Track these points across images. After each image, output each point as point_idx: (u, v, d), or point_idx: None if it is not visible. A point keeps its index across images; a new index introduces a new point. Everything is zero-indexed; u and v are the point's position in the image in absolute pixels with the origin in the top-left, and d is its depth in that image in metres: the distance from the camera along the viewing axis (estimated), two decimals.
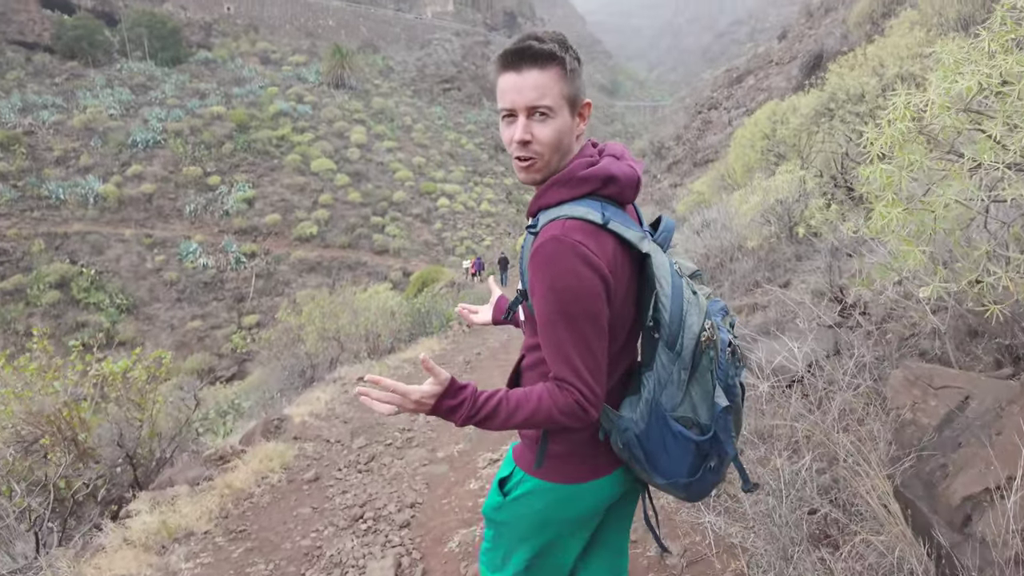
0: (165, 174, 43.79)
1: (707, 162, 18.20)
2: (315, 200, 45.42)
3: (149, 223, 41.47)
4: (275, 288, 40.59)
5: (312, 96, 56.08)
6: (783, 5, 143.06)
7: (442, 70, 68.86)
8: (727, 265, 4.44)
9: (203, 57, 58.08)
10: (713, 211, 5.58)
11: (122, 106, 47.84)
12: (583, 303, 1.14)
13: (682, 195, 16.75)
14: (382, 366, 6.63)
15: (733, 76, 26.42)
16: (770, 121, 5.97)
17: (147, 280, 38.13)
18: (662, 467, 1.27)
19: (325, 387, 5.87)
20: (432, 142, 58.32)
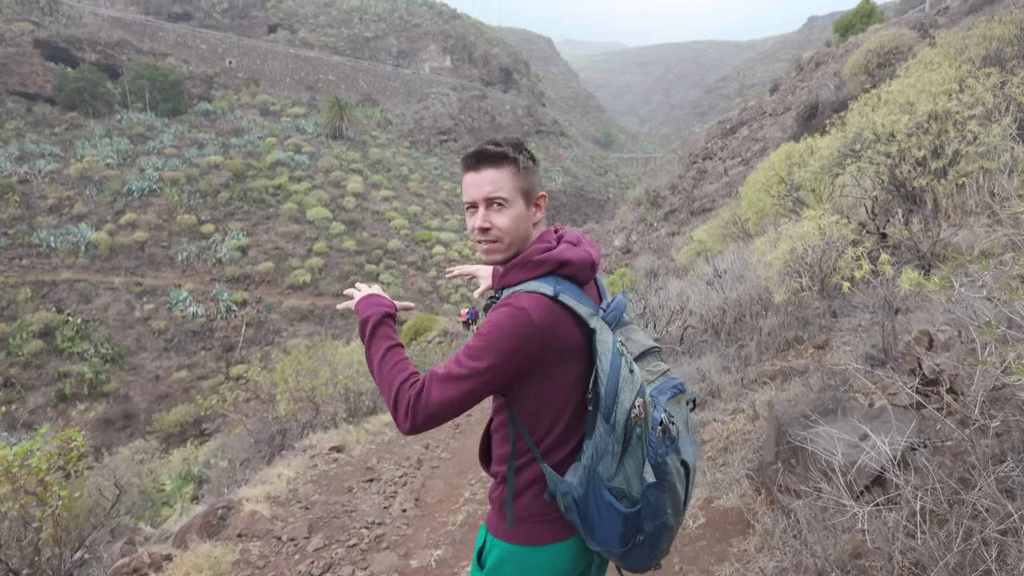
0: (159, 222, 43.66)
1: (704, 211, 17.97)
2: (309, 248, 45.24)
3: (140, 271, 41.04)
4: (265, 337, 39.92)
5: (310, 147, 56.71)
6: (770, 62, 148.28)
7: (439, 122, 70.14)
8: (748, 321, 3.95)
9: (203, 108, 58.95)
10: (726, 259, 5.12)
11: (120, 155, 48.13)
12: (498, 344, 1.27)
13: (680, 243, 16.41)
14: (360, 431, 5.98)
15: (727, 127, 26.70)
16: (786, 163, 5.58)
17: (134, 329, 37.38)
18: (596, 534, 1.34)
19: (292, 459, 5.23)
20: (428, 191, 58.75)
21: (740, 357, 3.64)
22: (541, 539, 1.38)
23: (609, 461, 1.30)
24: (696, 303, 4.37)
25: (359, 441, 5.92)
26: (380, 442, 5.99)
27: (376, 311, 1.47)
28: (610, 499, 1.29)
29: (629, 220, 23.54)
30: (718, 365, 3.59)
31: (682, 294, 4.78)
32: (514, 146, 1.42)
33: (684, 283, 6.33)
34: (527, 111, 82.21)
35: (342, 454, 5.54)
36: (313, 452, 5.53)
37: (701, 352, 4.01)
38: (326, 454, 5.49)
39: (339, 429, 6.05)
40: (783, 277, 3.56)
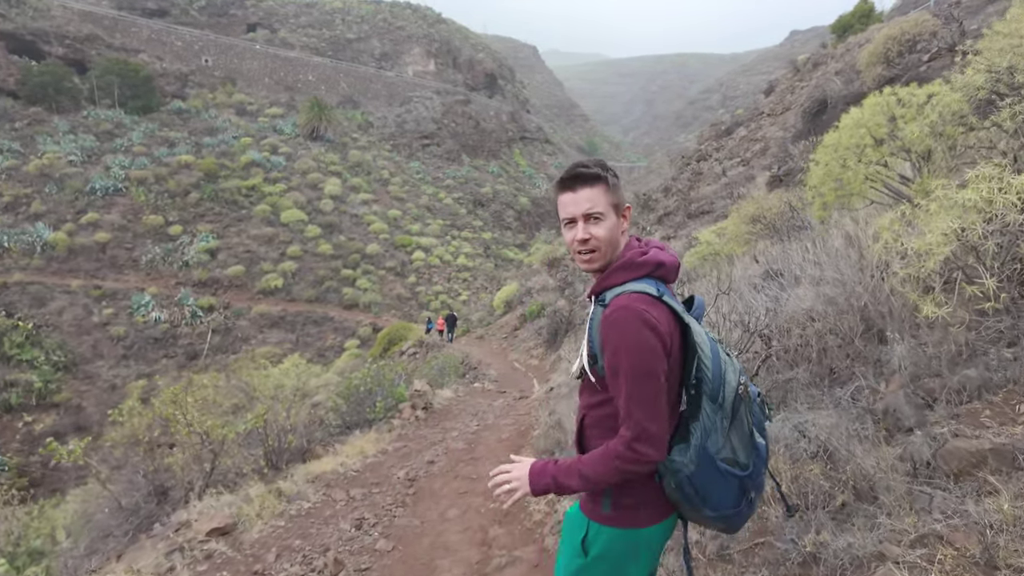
0: (123, 223, 41.57)
1: (703, 213, 16.75)
2: (283, 252, 43.44)
3: (100, 273, 38.90)
4: (233, 345, 38.11)
5: (287, 148, 54.87)
6: (752, 75, 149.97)
7: (422, 126, 68.68)
8: (855, 345, 2.58)
9: (176, 107, 56.84)
10: (789, 252, 3.77)
11: (84, 153, 45.93)
12: (646, 361, 1.42)
13: (678, 248, 15.11)
14: (269, 495, 4.35)
15: (721, 129, 25.70)
16: (885, 118, 4.18)
17: (91, 335, 35.25)
18: (713, 501, 1.50)
19: (149, 551, 3.66)
20: (409, 196, 57.22)
21: (875, 413, 2.30)
22: (647, 521, 1.54)
23: (717, 436, 1.47)
24: (755, 319, 3.01)
25: (261, 514, 4.24)
26: (293, 514, 4.31)
27: (544, 478, 1.56)
28: (725, 467, 1.47)
29: None
30: (842, 427, 2.23)
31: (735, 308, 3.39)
32: (602, 166, 1.63)
33: (704, 291, 4.98)
34: (511, 117, 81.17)
35: (225, 543, 3.81)
36: (185, 536, 3.87)
37: (791, 395, 2.64)
38: (201, 541, 3.83)
39: (238, 493, 4.43)
40: (917, 278, 2.24)
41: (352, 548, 3.89)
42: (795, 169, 14.44)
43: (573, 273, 18.39)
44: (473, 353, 16.19)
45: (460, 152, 68.74)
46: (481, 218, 60.16)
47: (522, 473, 1.59)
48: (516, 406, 8.95)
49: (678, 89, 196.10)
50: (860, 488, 2.07)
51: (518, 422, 7.22)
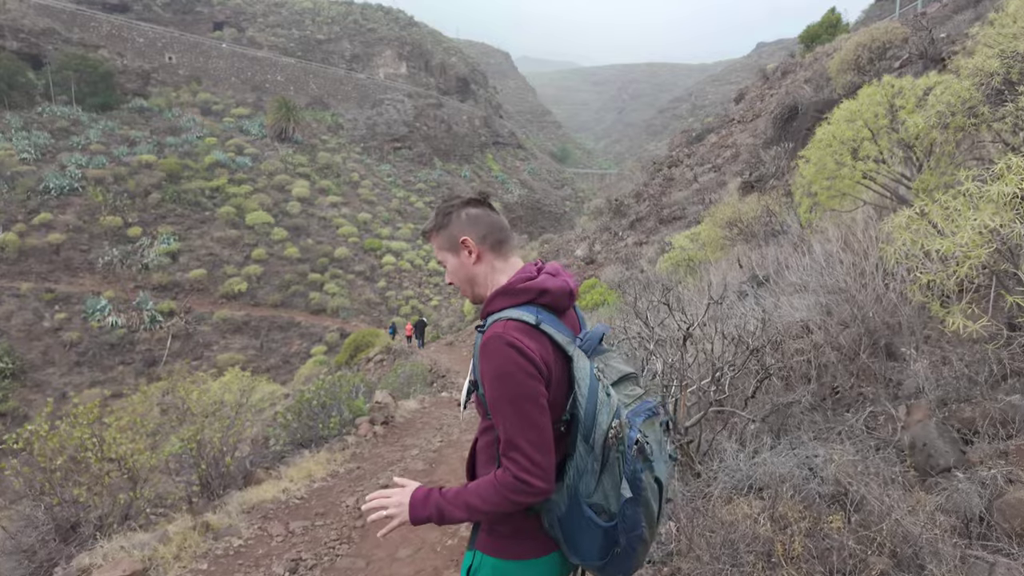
0: (79, 223, 39.90)
1: (675, 219, 16.62)
2: (247, 255, 42.27)
3: (53, 276, 37.24)
4: (193, 351, 36.89)
5: (253, 148, 53.54)
6: (721, 84, 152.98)
7: (393, 129, 67.88)
8: (861, 360, 2.25)
9: (138, 105, 54.98)
10: (772, 256, 3.47)
11: (37, 150, 44.02)
12: (521, 384, 1.37)
13: (650, 253, 14.91)
14: (194, 532, 3.76)
15: (692, 135, 25.76)
16: (885, 109, 3.87)
17: (41, 341, 33.69)
18: (579, 548, 1.45)
19: None
20: (380, 199, 56.40)
21: (900, 447, 1.94)
22: (529, 553, 1.49)
23: (589, 479, 1.41)
24: (746, 331, 2.66)
25: (180, 556, 3.59)
26: (219, 555, 3.69)
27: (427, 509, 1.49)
28: (590, 514, 1.41)
29: (591, 229, 22.10)
30: (864, 466, 1.86)
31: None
32: (437, 213, 1.64)
33: (691, 299, 4.65)
34: (484, 121, 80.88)
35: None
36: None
37: (792, 420, 2.29)
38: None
39: (155, 530, 3.80)
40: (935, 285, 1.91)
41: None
42: (767, 175, 14.34)
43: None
44: (442, 360, 15.70)
45: (432, 156, 68.13)
46: None
47: (403, 499, 1.50)
48: None
49: (649, 98, 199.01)
50: (901, 553, 1.70)
51: None
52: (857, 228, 3.26)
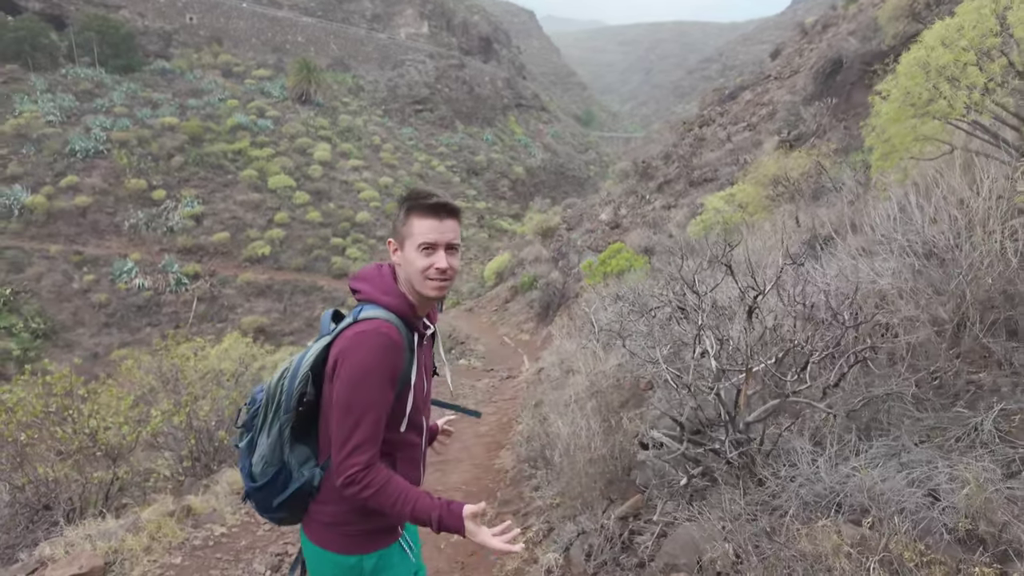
0: (104, 186, 40.16)
1: (706, 180, 15.79)
2: (270, 219, 42.28)
3: (81, 239, 37.73)
4: (219, 313, 37.31)
5: (275, 111, 53.12)
6: (753, 44, 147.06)
7: (414, 91, 66.66)
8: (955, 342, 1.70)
9: (159, 67, 54.73)
10: (834, 212, 2.80)
11: (63, 112, 44.16)
12: None
13: (679, 217, 14.18)
14: (172, 516, 3.38)
15: (724, 93, 24.53)
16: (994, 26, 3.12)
17: (71, 302, 34.31)
18: None
19: None
20: (401, 163, 55.78)
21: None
22: None
23: None
24: (827, 300, 2.11)
25: (151, 548, 3.21)
26: (197, 545, 3.34)
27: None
28: None
29: (616, 193, 21.30)
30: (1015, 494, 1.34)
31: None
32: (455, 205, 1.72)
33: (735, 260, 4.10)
34: (507, 83, 79.02)
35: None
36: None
37: (884, 415, 1.76)
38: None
39: (128, 516, 3.44)
40: None
41: None
42: (806, 133, 13.41)
43: (568, 244, 17.51)
44: (461, 327, 15.36)
45: (454, 118, 66.93)
46: (475, 187, 58.88)
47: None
48: (502, 388, 8.16)
49: (677, 59, 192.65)
50: None
51: (501, 410, 6.41)
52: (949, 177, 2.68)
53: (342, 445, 1.44)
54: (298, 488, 1.53)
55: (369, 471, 1.45)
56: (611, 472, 2.72)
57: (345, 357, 1.47)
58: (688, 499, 2.25)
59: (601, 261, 10.76)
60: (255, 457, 1.57)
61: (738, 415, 2.06)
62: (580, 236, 19.17)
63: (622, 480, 2.73)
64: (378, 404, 1.47)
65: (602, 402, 3.43)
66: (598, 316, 5.10)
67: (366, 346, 1.47)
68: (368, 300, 1.64)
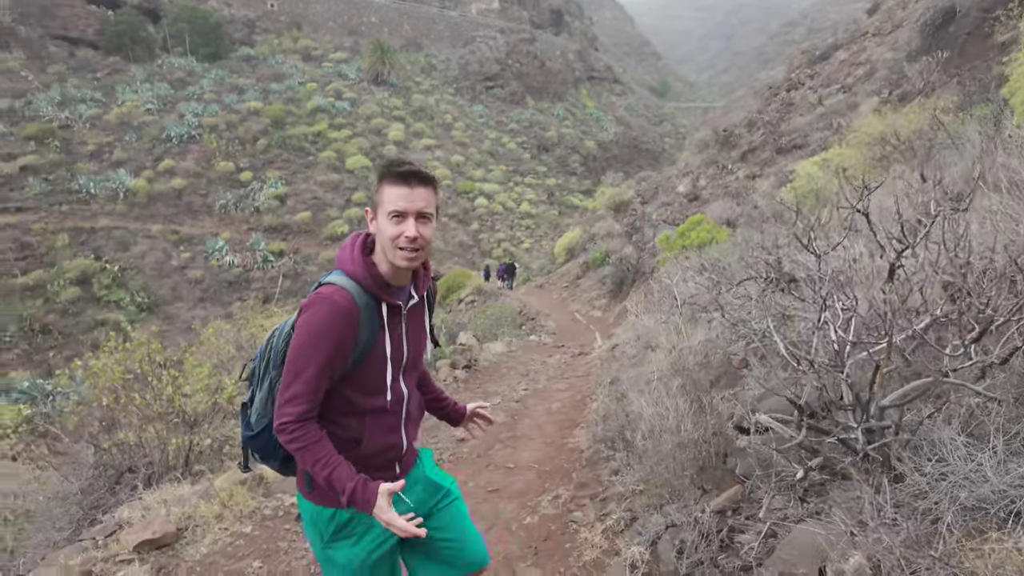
0: (197, 169, 42.74)
1: (795, 147, 14.67)
2: (348, 198, 43.70)
3: (177, 219, 40.39)
4: (302, 289, 39.01)
5: (351, 93, 54.59)
6: (843, 3, 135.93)
7: (485, 67, 66.35)
8: None
9: (244, 53, 57.35)
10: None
11: (160, 100, 47.22)
12: None
13: (765, 187, 13.26)
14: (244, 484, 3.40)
15: (815, 54, 22.68)
16: None
17: (171, 278, 36.90)
18: None
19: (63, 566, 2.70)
20: (472, 140, 55.93)
21: None
22: None
23: None
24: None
25: (222, 516, 3.23)
26: (267, 515, 3.33)
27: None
28: None
29: (695, 164, 20.27)
30: None
31: None
32: (429, 175, 1.70)
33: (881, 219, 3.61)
34: (579, 56, 77.14)
35: (151, 568, 2.80)
36: (107, 551, 2.90)
37: None
38: (123, 561, 2.84)
39: (202, 482, 3.49)
40: None
41: None
42: (911, 91, 12.12)
43: (642, 218, 16.86)
44: (531, 303, 15.17)
45: (524, 94, 66.16)
46: (545, 163, 58.21)
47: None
48: (574, 364, 7.90)
49: (759, 23, 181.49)
50: None
51: (574, 387, 6.16)
52: None
53: (280, 394, 1.53)
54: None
55: (301, 425, 1.51)
56: (703, 458, 2.42)
57: (299, 316, 1.57)
58: (801, 495, 1.93)
59: (679, 234, 10.20)
60: (253, 408, 1.70)
61: (872, 398, 1.71)
62: (655, 209, 18.43)
63: (716, 468, 2.43)
64: (316, 363, 1.51)
65: (688, 381, 3.12)
66: (681, 289, 4.73)
67: (313, 309, 1.55)
68: (336, 268, 1.70)
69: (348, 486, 1.50)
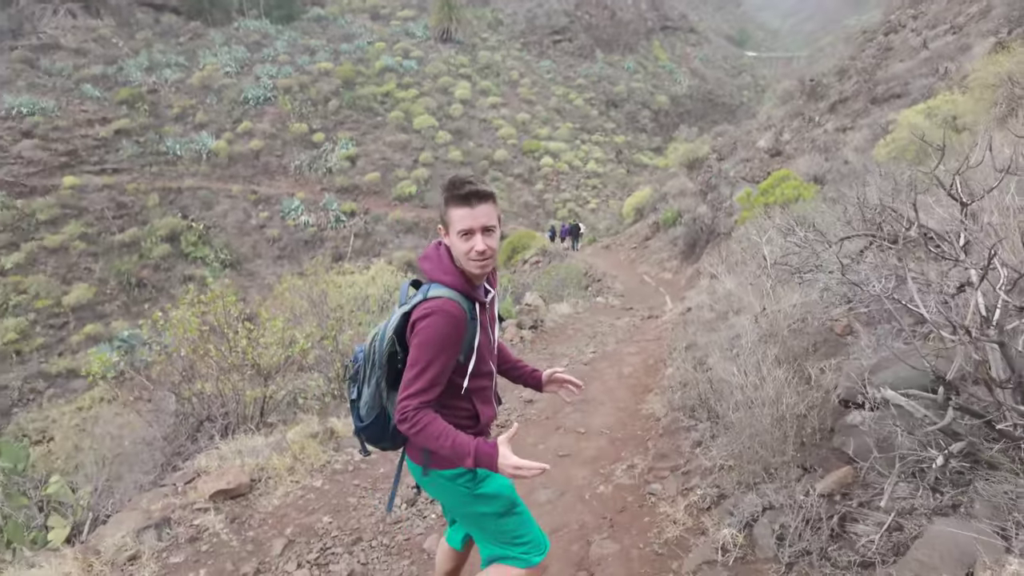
0: (272, 131, 44.11)
1: (893, 97, 13.32)
2: (415, 159, 44.07)
3: (255, 179, 42.02)
4: (372, 248, 40.05)
5: (419, 51, 54.40)
6: None
7: (553, 20, 64.19)
8: None
9: (315, 14, 58.08)
10: None
11: (237, 63, 48.71)
12: None
13: (857, 140, 12.18)
14: (316, 438, 3.40)
15: None
16: None
17: (250, 236, 38.65)
18: None
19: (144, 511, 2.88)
20: (539, 97, 54.71)
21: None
22: None
23: None
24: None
25: (294, 469, 3.28)
26: (338, 469, 3.36)
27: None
28: None
29: (777, 117, 18.87)
30: None
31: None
32: (488, 189, 1.88)
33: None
34: (651, 5, 73.17)
35: (226, 516, 2.87)
36: (185, 499, 3.00)
37: None
38: (200, 509, 2.93)
39: (275, 434, 3.58)
40: None
41: (390, 543, 2.80)
42: None
43: (718, 175, 15.95)
44: (598, 264, 14.80)
45: (593, 47, 63.72)
46: (614, 120, 56.29)
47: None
48: (643, 328, 7.60)
49: None
50: None
51: (645, 351, 5.90)
52: None
53: (403, 390, 1.78)
54: (395, 426, 1.86)
55: (418, 412, 1.76)
56: (805, 434, 2.16)
57: (418, 325, 1.78)
58: (932, 484, 1.65)
59: (762, 191, 9.51)
60: (361, 403, 1.95)
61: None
62: (733, 166, 17.37)
63: (820, 446, 2.16)
64: (437, 363, 1.77)
65: (783, 348, 2.82)
66: (768, 249, 4.34)
67: (432, 319, 1.76)
68: (431, 279, 1.89)
69: (471, 447, 1.74)
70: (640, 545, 2.49)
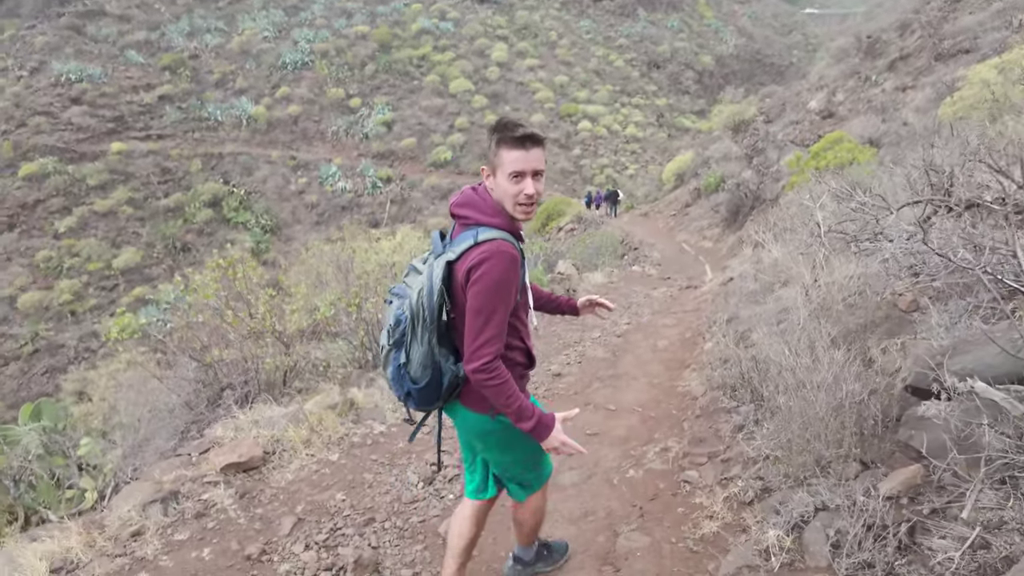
0: (310, 96, 44.21)
1: (960, 52, 12.27)
2: (451, 124, 43.61)
3: (294, 145, 42.38)
4: (408, 215, 40.15)
5: (455, 12, 53.25)
6: None
7: None
8: None
9: None
10: None
11: (275, 28, 48.69)
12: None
13: (918, 100, 11.32)
14: (334, 409, 3.30)
15: None
16: None
17: (290, 202, 39.18)
18: None
19: (155, 483, 2.81)
20: (577, 59, 53.12)
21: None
22: None
23: None
24: None
25: (310, 442, 3.16)
26: (355, 443, 3.24)
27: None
28: None
29: (831, 76, 17.70)
30: None
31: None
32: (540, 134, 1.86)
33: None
34: None
35: (235, 492, 2.79)
36: (196, 471, 2.93)
37: None
38: (210, 483, 2.86)
39: (290, 405, 3.43)
40: None
41: (403, 525, 2.67)
42: None
43: (765, 138, 15.15)
44: (635, 232, 14.38)
45: (635, 5, 61.24)
46: (655, 82, 54.33)
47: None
48: (681, 299, 7.30)
49: None
50: None
51: (682, 323, 5.62)
52: None
53: (474, 339, 1.73)
54: (450, 381, 1.88)
55: (497, 363, 1.74)
56: (866, 425, 1.91)
57: (477, 270, 1.73)
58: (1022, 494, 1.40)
59: (813, 155, 8.90)
60: (413, 365, 1.88)
61: None
62: (781, 129, 16.47)
63: (883, 439, 1.90)
64: (503, 308, 1.75)
65: (837, 324, 2.54)
66: (822, 215, 3.98)
67: (492, 262, 1.72)
68: (477, 223, 1.83)
69: (536, 413, 1.79)
70: (673, 539, 2.28)
